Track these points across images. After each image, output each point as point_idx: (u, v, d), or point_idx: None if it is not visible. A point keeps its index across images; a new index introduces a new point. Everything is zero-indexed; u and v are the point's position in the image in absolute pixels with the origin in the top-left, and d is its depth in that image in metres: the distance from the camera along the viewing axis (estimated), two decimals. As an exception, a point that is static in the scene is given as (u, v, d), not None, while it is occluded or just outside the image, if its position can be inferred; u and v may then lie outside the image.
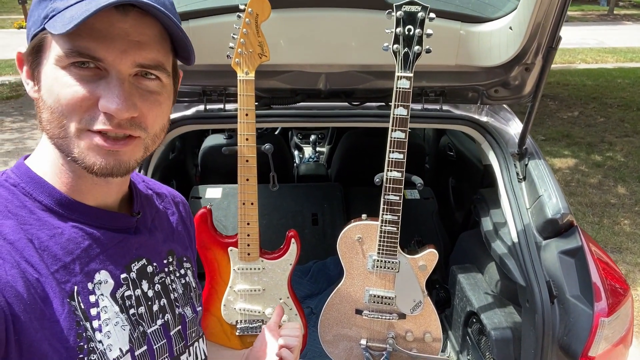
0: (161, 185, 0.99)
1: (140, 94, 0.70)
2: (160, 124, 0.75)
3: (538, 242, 1.63)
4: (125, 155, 0.71)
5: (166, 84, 0.74)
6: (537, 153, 1.81)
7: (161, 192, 0.96)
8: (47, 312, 0.67)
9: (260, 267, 1.68)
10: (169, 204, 0.96)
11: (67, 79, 0.66)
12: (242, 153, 1.58)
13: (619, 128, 6.67)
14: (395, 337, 1.71)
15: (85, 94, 0.66)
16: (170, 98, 0.77)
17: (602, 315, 1.44)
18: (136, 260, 0.81)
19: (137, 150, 0.73)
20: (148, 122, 0.72)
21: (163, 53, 0.72)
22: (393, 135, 1.53)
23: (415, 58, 1.46)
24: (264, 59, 1.53)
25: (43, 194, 0.73)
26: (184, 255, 0.94)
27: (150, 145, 0.76)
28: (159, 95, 0.73)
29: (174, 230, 0.94)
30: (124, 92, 0.67)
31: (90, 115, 0.67)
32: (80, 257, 0.72)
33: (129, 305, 0.77)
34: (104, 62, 0.67)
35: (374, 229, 1.62)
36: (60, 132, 0.68)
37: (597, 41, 13.38)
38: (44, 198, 0.72)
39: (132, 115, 0.69)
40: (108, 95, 0.66)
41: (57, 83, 0.67)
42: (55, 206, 0.73)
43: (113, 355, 0.73)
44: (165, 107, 0.75)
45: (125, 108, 0.67)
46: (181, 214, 0.98)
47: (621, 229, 4.19)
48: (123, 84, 0.67)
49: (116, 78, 0.67)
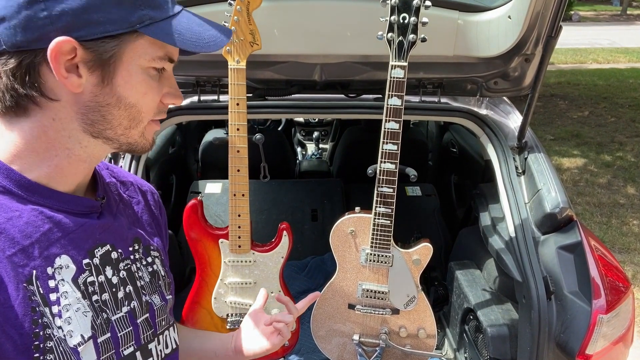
0: (127, 173, 0.97)
1: None
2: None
3: (536, 237, 1.59)
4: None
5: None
6: (537, 146, 1.77)
7: (126, 181, 0.94)
8: (1, 297, 0.64)
9: (252, 260, 1.65)
10: (134, 192, 0.94)
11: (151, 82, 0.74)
12: (233, 143, 1.56)
13: (630, 128, 6.57)
14: (388, 332, 1.67)
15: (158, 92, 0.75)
16: None
17: (601, 312, 1.40)
18: (100, 246, 0.78)
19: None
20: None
21: None
22: (387, 126, 1.50)
23: (410, 47, 1.43)
24: (256, 47, 1.51)
25: (0, 176, 0.70)
26: (151, 244, 0.91)
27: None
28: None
29: (139, 219, 0.91)
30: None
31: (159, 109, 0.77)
32: (39, 241, 0.70)
33: (91, 291, 0.75)
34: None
35: (367, 222, 1.59)
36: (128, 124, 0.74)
37: (610, 41, 13.23)
38: (1, 180, 0.70)
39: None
40: (172, 90, 0.77)
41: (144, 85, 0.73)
42: (15, 188, 0.70)
43: (74, 341, 0.71)
44: None
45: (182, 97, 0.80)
46: (148, 202, 0.95)
47: (630, 229, 4.11)
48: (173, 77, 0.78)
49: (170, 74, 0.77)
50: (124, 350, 0.79)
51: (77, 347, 0.71)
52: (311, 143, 4.12)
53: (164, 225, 1.00)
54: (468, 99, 1.96)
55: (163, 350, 0.87)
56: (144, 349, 0.83)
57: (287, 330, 1.06)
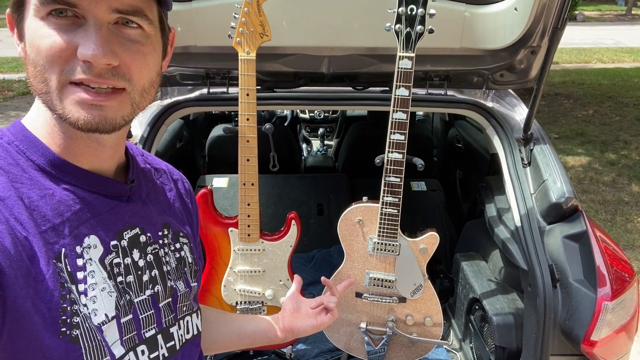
0: (160, 161, 0.97)
1: (121, 42, 0.68)
2: (147, 77, 0.72)
3: (542, 226, 1.61)
4: (111, 110, 0.68)
5: (150, 34, 0.71)
6: (543, 138, 1.78)
7: (159, 168, 0.94)
8: (33, 270, 0.66)
9: (261, 249, 1.68)
10: (166, 179, 0.94)
11: (46, 30, 0.65)
12: (243, 133, 1.58)
13: (635, 127, 6.57)
14: (395, 320, 1.69)
15: (63, 44, 0.65)
16: (156, 50, 0.74)
17: (606, 299, 1.41)
18: (129, 229, 0.79)
19: (124, 105, 0.70)
20: (132, 73, 0.69)
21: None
22: (394, 116, 1.52)
23: (418, 38, 1.45)
24: (266, 38, 1.53)
25: (36, 154, 0.72)
26: (181, 230, 0.92)
27: (139, 102, 0.73)
28: (142, 46, 0.70)
29: (171, 206, 0.92)
30: (100, 37, 0.65)
31: (70, 66, 0.65)
32: (70, 220, 0.71)
33: (117, 272, 0.76)
34: (79, 7, 0.64)
35: (375, 211, 1.61)
36: (44, 87, 0.67)
37: (614, 41, 13.20)
38: (37, 157, 0.72)
39: (111, 63, 0.66)
40: (85, 42, 0.64)
41: (37, 35, 0.65)
42: (48, 167, 0.72)
43: (98, 319, 0.72)
44: (150, 58, 0.72)
45: (102, 53, 0.64)
46: (179, 191, 0.96)
47: (634, 226, 4.12)
48: (100, 29, 0.65)
49: (93, 24, 0.65)
50: (146, 333, 0.80)
51: (101, 325, 0.72)
52: (316, 139, 4.15)
53: (195, 213, 1.01)
54: (474, 91, 1.98)
55: (184, 335, 0.88)
56: (165, 332, 0.84)
57: (336, 309, 1.17)
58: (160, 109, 1.86)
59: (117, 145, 0.79)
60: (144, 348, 0.80)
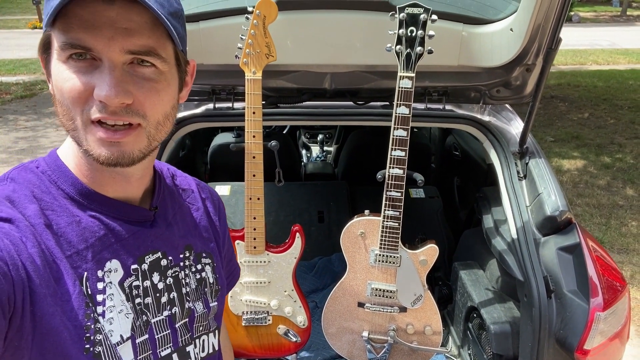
0: (192, 180, 1.01)
1: (135, 81, 0.71)
2: (162, 111, 0.76)
3: (537, 238, 1.67)
4: (128, 145, 0.73)
5: (164, 71, 0.74)
6: (537, 152, 1.85)
7: (187, 188, 0.98)
8: (60, 291, 0.72)
9: (266, 260, 1.73)
10: (194, 199, 0.98)
11: (67, 73, 0.69)
12: (249, 150, 1.64)
13: (629, 130, 6.64)
14: (396, 329, 1.75)
15: (82, 86, 0.69)
16: (171, 85, 0.77)
17: (598, 309, 1.48)
18: (151, 253, 0.84)
19: (140, 139, 0.74)
20: (146, 109, 0.73)
21: (155, 39, 0.72)
22: (395, 134, 1.58)
23: (417, 58, 1.51)
24: (271, 59, 1.59)
25: (66, 183, 0.78)
26: (204, 250, 0.96)
27: (155, 134, 0.76)
28: (156, 83, 0.73)
29: (196, 225, 0.96)
30: (114, 78, 0.68)
31: (89, 106, 0.70)
32: (93, 245, 0.77)
33: (135, 294, 0.81)
34: (95, 51, 0.68)
35: (376, 224, 1.67)
36: (72, 124, 0.72)
37: (609, 42, 13.30)
38: (67, 187, 0.78)
39: (124, 102, 0.70)
40: (100, 83, 0.68)
41: (60, 78, 0.70)
42: (77, 195, 0.78)
43: (114, 340, 0.77)
44: (164, 94, 0.75)
45: (115, 94, 0.68)
46: (207, 209, 1.00)
47: (628, 230, 4.18)
48: (114, 71, 0.69)
49: (108, 66, 0.69)
50: (162, 352, 0.85)
51: (116, 345, 0.78)
52: (315, 146, 4.21)
53: (223, 230, 1.04)
54: (471, 106, 2.04)
55: (199, 353, 0.92)
56: (181, 351, 0.88)
57: None
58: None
59: (143, 176, 0.85)
60: None
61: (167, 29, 0.72)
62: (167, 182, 0.94)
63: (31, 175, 0.78)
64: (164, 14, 0.70)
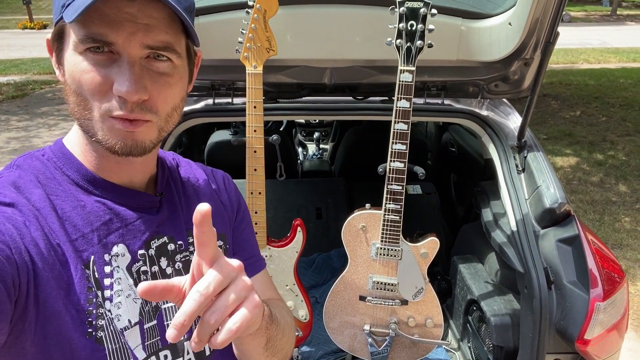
0: (196, 166, 1.00)
1: (151, 76, 0.73)
2: (172, 104, 0.78)
3: (536, 230, 1.68)
4: (140, 135, 0.75)
5: (178, 65, 0.76)
6: (536, 145, 1.86)
7: (194, 176, 0.98)
8: (65, 274, 0.73)
9: (268, 255, 1.74)
10: (200, 186, 0.97)
11: (85, 65, 0.70)
12: (251, 144, 1.64)
13: (621, 127, 6.71)
14: (397, 322, 1.76)
15: (101, 79, 0.70)
16: (182, 79, 0.79)
17: (598, 300, 1.49)
18: (157, 238, 0.84)
19: (151, 131, 0.76)
20: (159, 105, 0.75)
21: (172, 34, 0.74)
22: (396, 127, 1.59)
23: (418, 52, 1.52)
24: (272, 53, 1.59)
25: (72, 170, 0.79)
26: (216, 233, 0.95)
27: (164, 126, 0.78)
28: (169, 77, 0.75)
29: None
30: (134, 74, 0.70)
31: (107, 100, 0.71)
32: (99, 229, 0.78)
33: (143, 280, 0.81)
34: (115, 45, 0.70)
35: (378, 217, 1.68)
36: (86, 114, 0.73)
37: (600, 41, 13.42)
38: (72, 173, 0.79)
39: (142, 98, 0.72)
40: (120, 78, 0.70)
41: (77, 69, 0.71)
42: (82, 181, 0.79)
43: (121, 325, 0.78)
44: (176, 88, 0.77)
45: (135, 90, 0.70)
46: (214, 193, 0.98)
47: (622, 226, 4.23)
48: (133, 66, 0.71)
49: (127, 61, 0.70)
50: None
51: (123, 330, 0.78)
52: (312, 143, 4.21)
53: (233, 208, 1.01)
54: (470, 100, 2.05)
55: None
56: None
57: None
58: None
59: (147, 161, 0.85)
60: (167, 353, 0.85)
61: (185, 24, 0.74)
62: (171, 170, 0.94)
63: (37, 162, 0.79)
64: (181, 9, 0.72)
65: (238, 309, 0.60)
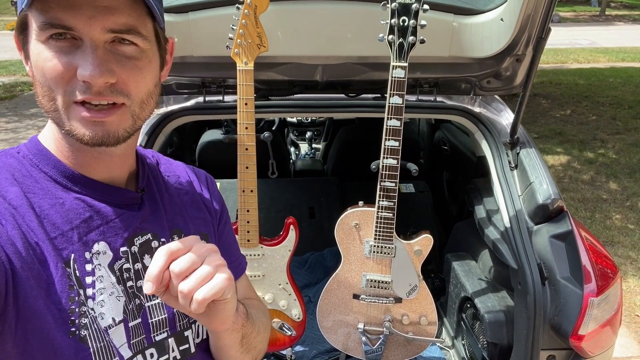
0: (178, 165, 0.99)
1: (117, 59, 0.70)
2: (145, 89, 0.75)
3: (530, 227, 1.68)
4: (112, 124, 0.72)
5: (145, 49, 0.74)
6: (528, 142, 1.86)
7: (175, 174, 0.96)
8: (44, 273, 0.71)
9: (260, 254, 1.72)
10: (181, 183, 0.96)
11: (47, 53, 0.68)
12: (242, 141, 1.62)
13: (611, 126, 6.76)
14: (391, 320, 1.75)
15: (64, 66, 0.68)
16: (152, 63, 0.76)
17: (592, 295, 1.49)
18: (140, 235, 0.82)
19: (124, 119, 0.73)
20: (130, 88, 0.72)
21: (135, 17, 0.71)
22: (389, 124, 1.58)
23: (410, 48, 1.51)
24: (263, 49, 1.58)
25: (48, 166, 0.77)
26: (198, 232, 0.92)
27: (139, 113, 0.76)
28: (137, 61, 0.73)
29: (187, 208, 0.93)
30: (96, 58, 0.68)
31: (71, 87, 0.69)
32: (79, 227, 0.75)
33: (127, 277, 0.79)
34: (75, 30, 0.67)
35: (371, 215, 1.66)
36: (51, 105, 0.71)
37: (589, 41, 13.51)
38: (49, 169, 0.76)
39: (108, 81, 0.69)
40: (82, 63, 0.67)
41: (40, 58, 0.69)
42: (60, 177, 0.76)
43: (105, 323, 0.76)
44: (146, 72, 0.75)
45: (99, 73, 0.67)
46: (196, 192, 0.97)
47: (612, 223, 4.25)
48: (96, 50, 0.68)
49: (89, 45, 0.68)
50: (156, 336, 0.83)
51: (107, 328, 0.76)
52: (304, 143, 4.19)
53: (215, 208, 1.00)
54: (462, 97, 2.04)
55: (195, 339, 0.90)
56: (179, 336, 0.86)
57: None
58: (157, 118, 1.89)
59: (126, 155, 0.83)
60: (153, 351, 0.83)
61: (148, 5, 0.72)
62: (152, 167, 0.92)
63: (12, 159, 0.77)
64: None
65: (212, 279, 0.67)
